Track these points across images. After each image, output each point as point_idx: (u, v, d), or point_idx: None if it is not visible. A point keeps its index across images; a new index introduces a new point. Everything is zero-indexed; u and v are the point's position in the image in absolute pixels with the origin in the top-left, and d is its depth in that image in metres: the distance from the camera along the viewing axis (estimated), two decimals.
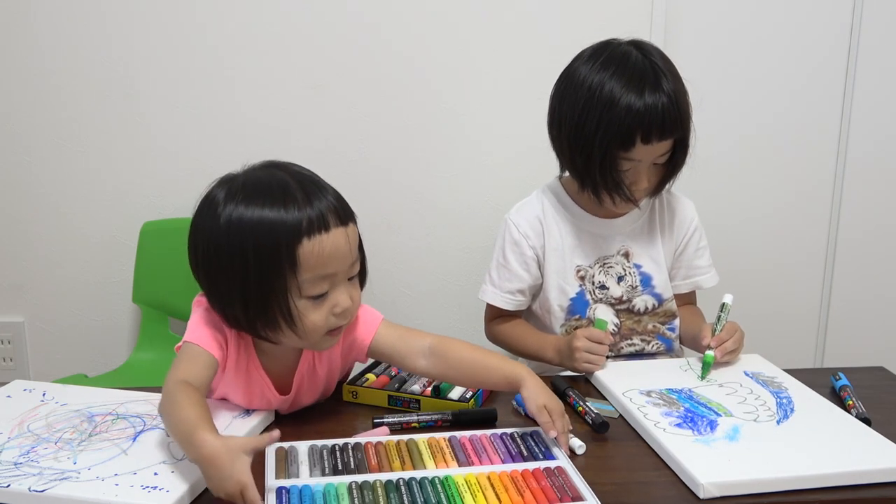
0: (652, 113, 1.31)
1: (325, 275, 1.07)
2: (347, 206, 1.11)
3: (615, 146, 1.33)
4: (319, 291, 1.08)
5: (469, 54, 1.91)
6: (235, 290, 1.07)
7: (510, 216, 1.51)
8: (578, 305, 1.49)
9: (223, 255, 1.07)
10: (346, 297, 1.10)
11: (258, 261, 1.05)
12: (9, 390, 1.24)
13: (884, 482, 1.02)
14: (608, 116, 1.32)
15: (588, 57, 1.39)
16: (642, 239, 1.49)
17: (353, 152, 1.93)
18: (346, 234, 1.09)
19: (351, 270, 1.11)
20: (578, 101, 1.36)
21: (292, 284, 1.06)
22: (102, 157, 1.91)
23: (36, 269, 1.97)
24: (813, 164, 2.09)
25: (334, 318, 1.10)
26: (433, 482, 0.99)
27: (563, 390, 1.26)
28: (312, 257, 1.05)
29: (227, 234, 1.06)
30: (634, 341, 1.53)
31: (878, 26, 2.00)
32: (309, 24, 1.87)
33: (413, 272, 2.02)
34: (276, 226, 1.04)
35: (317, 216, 1.06)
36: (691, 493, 1.00)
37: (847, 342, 2.18)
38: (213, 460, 0.92)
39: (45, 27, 1.84)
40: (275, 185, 1.07)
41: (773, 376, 1.33)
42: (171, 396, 1.03)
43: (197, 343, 1.11)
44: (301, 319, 1.08)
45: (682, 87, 1.36)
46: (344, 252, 1.08)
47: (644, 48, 1.38)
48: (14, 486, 0.96)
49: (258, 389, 1.17)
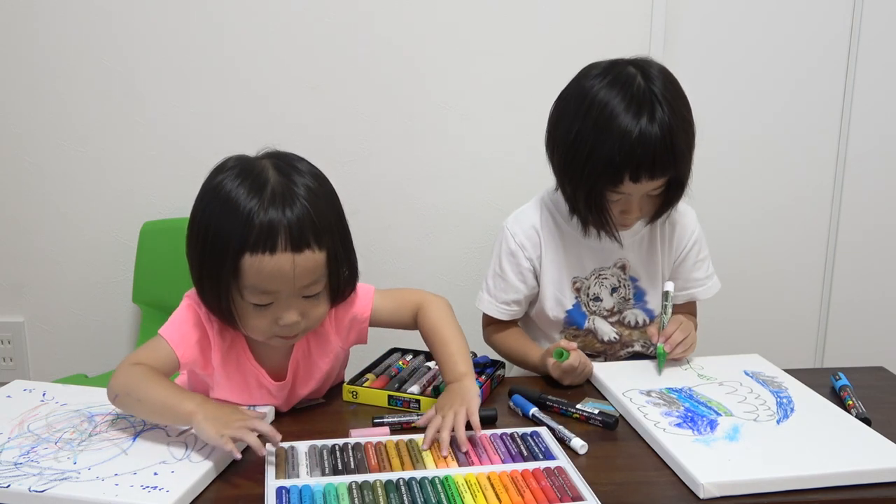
0: (642, 153, 1.25)
1: (266, 290, 1.07)
2: (313, 231, 1.07)
3: (604, 181, 1.30)
4: (261, 302, 1.08)
5: (469, 54, 1.91)
6: (195, 264, 1.11)
7: (508, 225, 1.49)
8: (575, 317, 1.49)
9: (193, 222, 1.10)
10: (293, 314, 1.09)
11: (213, 244, 1.06)
12: (9, 390, 1.24)
13: (884, 482, 1.02)
14: (598, 152, 1.28)
15: (586, 83, 1.33)
16: (641, 252, 1.47)
17: (353, 152, 1.93)
18: (294, 260, 1.05)
19: (305, 291, 1.09)
20: (570, 131, 1.32)
21: (233, 286, 1.07)
22: (103, 157, 1.91)
23: (36, 269, 1.97)
24: (813, 165, 2.09)
25: (279, 329, 1.10)
26: (433, 482, 0.99)
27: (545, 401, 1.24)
28: (252, 272, 1.05)
29: (199, 202, 1.11)
30: (636, 348, 1.53)
31: (878, 26, 2.00)
32: (309, 24, 1.87)
33: (413, 272, 2.02)
34: (232, 218, 1.04)
35: (266, 235, 1.04)
36: (691, 493, 1.00)
37: (847, 342, 2.19)
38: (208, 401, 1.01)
39: (45, 28, 1.83)
40: (255, 177, 1.07)
41: (773, 376, 1.33)
42: (131, 378, 1.07)
43: (167, 339, 1.13)
44: (243, 319, 1.10)
45: (681, 119, 1.29)
46: (286, 276, 1.06)
47: (649, 74, 1.30)
48: (14, 486, 0.96)
49: (253, 380, 1.18)
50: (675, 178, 1.32)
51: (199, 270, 1.10)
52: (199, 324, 1.15)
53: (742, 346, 1.49)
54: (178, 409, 1.04)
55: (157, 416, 1.07)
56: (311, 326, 1.15)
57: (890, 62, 2.03)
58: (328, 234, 1.09)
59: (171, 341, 1.13)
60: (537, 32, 1.91)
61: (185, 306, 1.16)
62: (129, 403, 1.07)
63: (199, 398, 1.07)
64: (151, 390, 1.06)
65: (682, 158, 1.30)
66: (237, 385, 1.18)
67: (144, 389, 1.06)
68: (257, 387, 1.18)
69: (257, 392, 1.19)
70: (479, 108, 1.94)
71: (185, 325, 1.14)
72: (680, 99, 1.31)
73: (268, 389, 1.19)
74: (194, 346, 1.14)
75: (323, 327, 1.22)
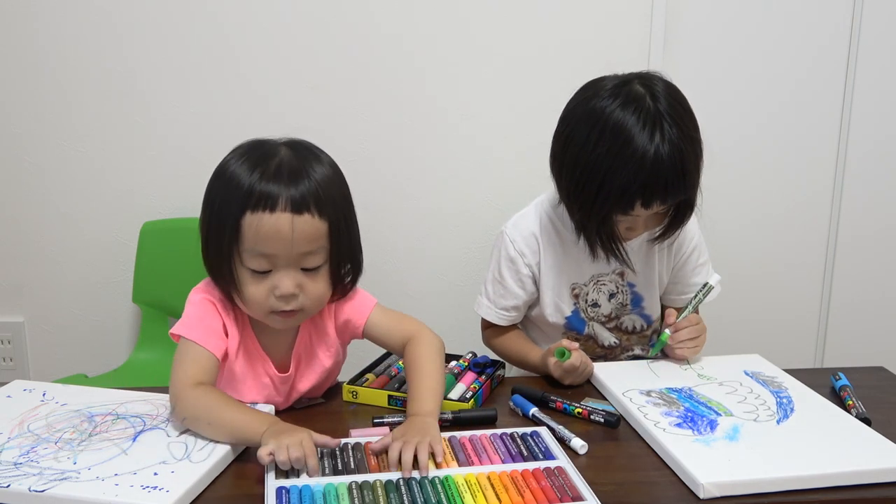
0: (654, 180, 1.24)
1: (264, 253, 1.09)
2: (316, 200, 1.09)
3: (615, 208, 1.29)
4: (258, 267, 1.10)
5: (470, 54, 1.91)
6: (203, 238, 1.14)
7: (507, 230, 1.48)
8: (574, 324, 1.48)
9: (206, 198, 1.14)
10: (289, 283, 1.10)
11: (218, 213, 1.11)
12: (9, 390, 1.24)
13: (884, 482, 1.02)
14: (610, 181, 1.26)
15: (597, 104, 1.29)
16: (640, 259, 1.47)
17: (354, 152, 1.93)
18: (294, 221, 1.08)
19: (303, 261, 1.11)
20: (581, 157, 1.29)
21: (234, 250, 1.10)
22: (102, 157, 1.91)
23: (36, 269, 1.97)
24: (813, 165, 2.09)
25: (275, 300, 1.12)
26: (433, 482, 0.99)
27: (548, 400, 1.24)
28: (251, 231, 1.08)
29: (210, 181, 1.15)
30: (635, 352, 1.53)
31: (878, 26, 2.00)
32: (309, 24, 1.87)
33: (413, 273, 2.02)
34: (236, 187, 1.09)
35: (267, 194, 1.07)
36: (691, 493, 1.00)
37: (847, 342, 2.19)
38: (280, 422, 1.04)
39: (45, 28, 1.83)
40: (264, 152, 1.12)
41: (773, 376, 1.33)
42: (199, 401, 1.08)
43: (195, 341, 1.13)
44: (242, 287, 1.12)
45: (690, 141, 1.27)
46: (285, 237, 1.08)
47: (656, 94, 1.27)
48: (14, 486, 0.96)
49: (260, 369, 1.19)
50: (684, 200, 1.32)
51: (206, 243, 1.14)
52: (216, 314, 1.16)
53: (742, 346, 1.49)
54: (249, 431, 1.04)
55: (228, 438, 1.06)
56: (310, 308, 1.15)
57: (890, 62, 2.03)
58: (332, 207, 1.12)
59: (201, 342, 1.13)
60: (537, 32, 1.91)
61: (199, 300, 1.17)
62: (200, 426, 1.08)
63: (270, 419, 1.07)
64: (222, 413, 1.07)
65: (692, 182, 1.29)
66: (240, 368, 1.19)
67: (215, 414, 1.07)
68: (262, 375, 1.20)
69: (261, 381, 1.20)
70: (479, 108, 1.94)
71: (205, 318, 1.16)
72: (688, 118, 1.29)
73: (271, 379, 1.20)
74: (222, 336, 1.16)
75: (322, 320, 1.23)
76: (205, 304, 1.17)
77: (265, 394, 1.20)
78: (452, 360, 1.37)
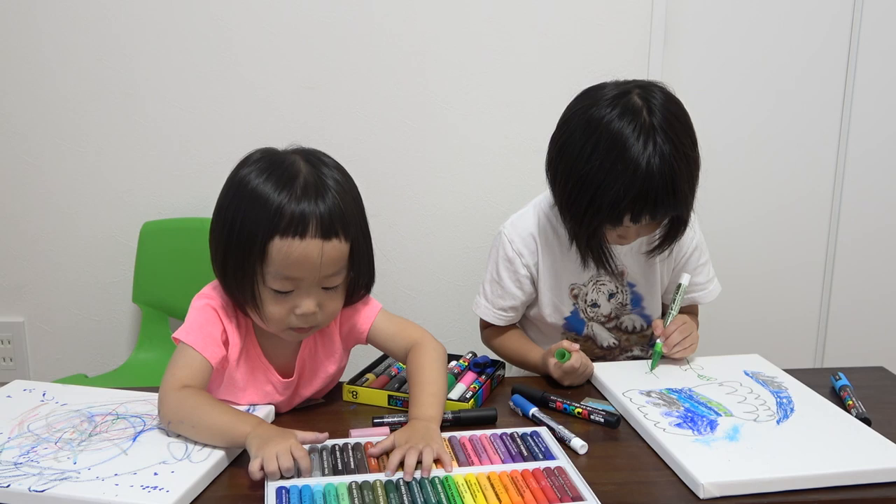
0: (643, 196, 1.23)
1: (290, 276, 1.09)
2: (342, 222, 1.09)
3: (605, 221, 1.29)
4: (282, 288, 1.10)
5: (470, 53, 1.91)
6: (220, 252, 1.12)
7: (505, 230, 1.47)
8: (574, 324, 1.48)
9: (220, 213, 1.12)
10: (311, 304, 1.11)
11: (240, 232, 1.09)
12: (9, 390, 1.24)
13: (884, 482, 1.02)
14: (600, 196, 1.25)
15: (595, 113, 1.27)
16: (640, 258, 1.47)
17: (354, 152, 1.93)
18: (323, 247, 1.08)
19: (325, 281, 1.11)
20: (576, 167, 1.28)
21: (258, 271, 1.09)
22: (102, 157, 1.91)
23: (36, 269, 1.97)
24: (813, 165, 2.09)
25: (295, 319, 1.12)
26: (433, 482, 0.99)
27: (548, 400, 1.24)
28: (280, 256, 1.07)
29: (225, 194, 1.12)
30: (634, 353, 1.53)
31: (878, 26, 2.00)
32: (308, 24, 1.87)
33: (413, 272, 2.02)
34: (262, 207, 1.07)
35: (298, 219, 1.06)
36: (691, 493, 1.00)
37: (847, 342, 2.18)
38: (263, 424, 1.05)
39: (45, 27, 1.83)
40: (285, 168, 1.10)
41: (773, 376, 1.33)
42: (183, 403, 1.07)
43: (192, 346, 1.13)
44: (263, 306, 1.11)
45: (684, 159, 1.25)
46: (313, 263, 1.08)
47: (652, 107, 1.25)
48: (14, 486, 0.96)
49: (262, 375, 1.19)
50: (677, 216, 1.32)
51: (224, 258, 1.12)
52: (217, 321, 1.16)
53: (742, 346, 1.49)
54: (233, 433, 1.04)
55: (211, 440, 1.06)
56: (324, 322, 1.16)
57: (890, 62, 2.03)
58: (354, 225, 1.12)
59: (198, 347, 1.12)
60: (537, 32, 1.91)
61: (202, 306, 1.16)
62: (184, 429, 1.07)
63: (253, 420, 1.07)
64: (206, 416, 1.06)
65: (684, 198, 1.28)
66: (242, 376, 1.18)
67: (199, 416, 1.06)
68: (264, 383, 1.19)
69: (263, 389, 1.19)
70: (479, 108, 1.94)
71: (205, 325, 1.15)
72: (684, 134, 1.27)
73: (273, 386, 1.20)
74: (220, 344, 1.15)
75: (328, 327, 1.23)
76: (207, 310, 1.16)
77: (267, 401, 1.20)
78: (452, 360, 1.37)
